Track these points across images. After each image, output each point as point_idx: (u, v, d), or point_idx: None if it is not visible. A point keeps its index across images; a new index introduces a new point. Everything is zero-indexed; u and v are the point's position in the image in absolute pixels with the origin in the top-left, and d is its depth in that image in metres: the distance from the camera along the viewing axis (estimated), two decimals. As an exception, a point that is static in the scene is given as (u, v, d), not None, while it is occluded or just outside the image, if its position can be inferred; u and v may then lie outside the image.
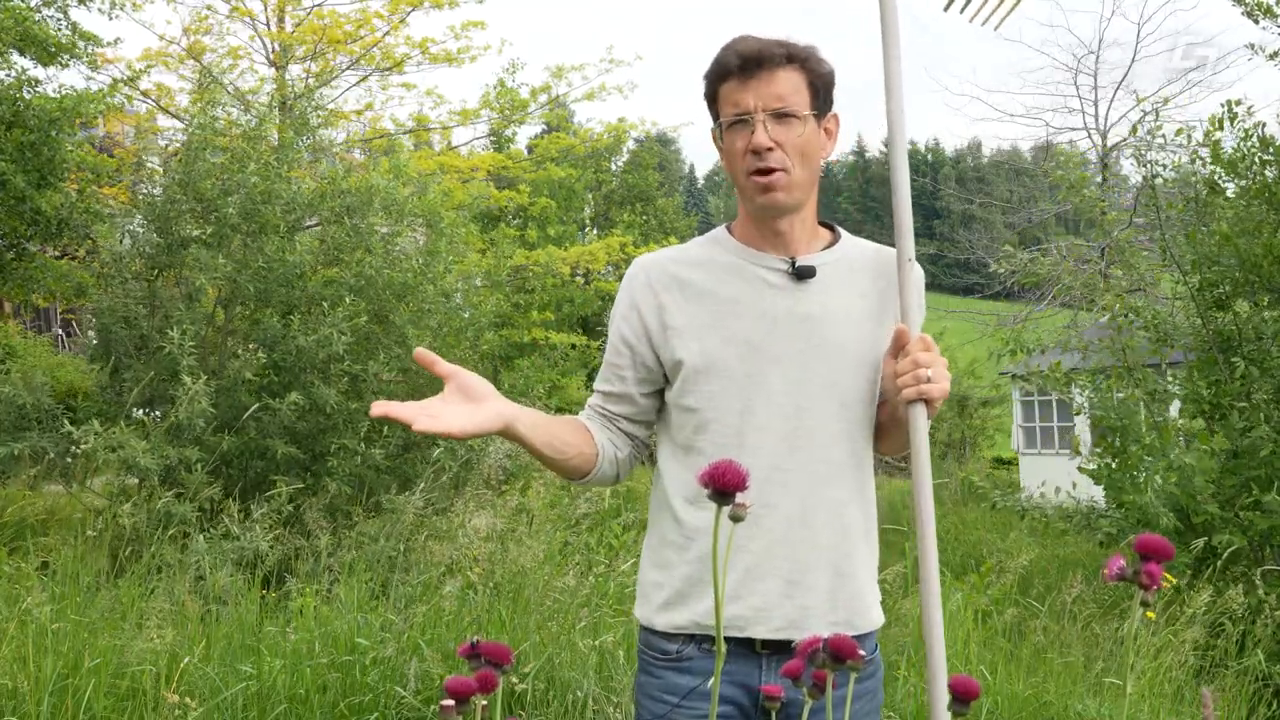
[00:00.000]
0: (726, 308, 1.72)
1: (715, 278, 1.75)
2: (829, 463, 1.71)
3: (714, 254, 1.78)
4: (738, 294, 1.73)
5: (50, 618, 3.59)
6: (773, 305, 1.72)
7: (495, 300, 11.18)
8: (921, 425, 1.63)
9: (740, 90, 1.67)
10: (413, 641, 3.91)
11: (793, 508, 1.69)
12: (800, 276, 1.72)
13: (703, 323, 1.73)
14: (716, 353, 1.71)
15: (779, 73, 1.66)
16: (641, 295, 1.77)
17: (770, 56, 1.66)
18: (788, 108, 1.66)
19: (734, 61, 1.67)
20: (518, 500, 5.84)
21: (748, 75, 1.66)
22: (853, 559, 1.74)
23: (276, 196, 7.21)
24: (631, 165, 27.46)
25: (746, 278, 1.73)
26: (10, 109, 8.48)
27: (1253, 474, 6.41)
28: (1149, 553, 1.00)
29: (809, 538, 1.69)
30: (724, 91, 1.70)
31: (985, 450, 23.92)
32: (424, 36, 14.31)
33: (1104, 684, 4.71)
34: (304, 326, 6.78)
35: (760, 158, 1.66)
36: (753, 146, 1.66)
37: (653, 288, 1.76)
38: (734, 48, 1.69)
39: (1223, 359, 6.78)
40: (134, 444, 5.74)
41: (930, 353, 1.64)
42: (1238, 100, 7.16)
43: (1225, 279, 6.93)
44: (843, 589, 1.72)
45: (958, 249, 23.60)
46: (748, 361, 1.70)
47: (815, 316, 1.72)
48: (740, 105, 1.67)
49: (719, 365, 1.71)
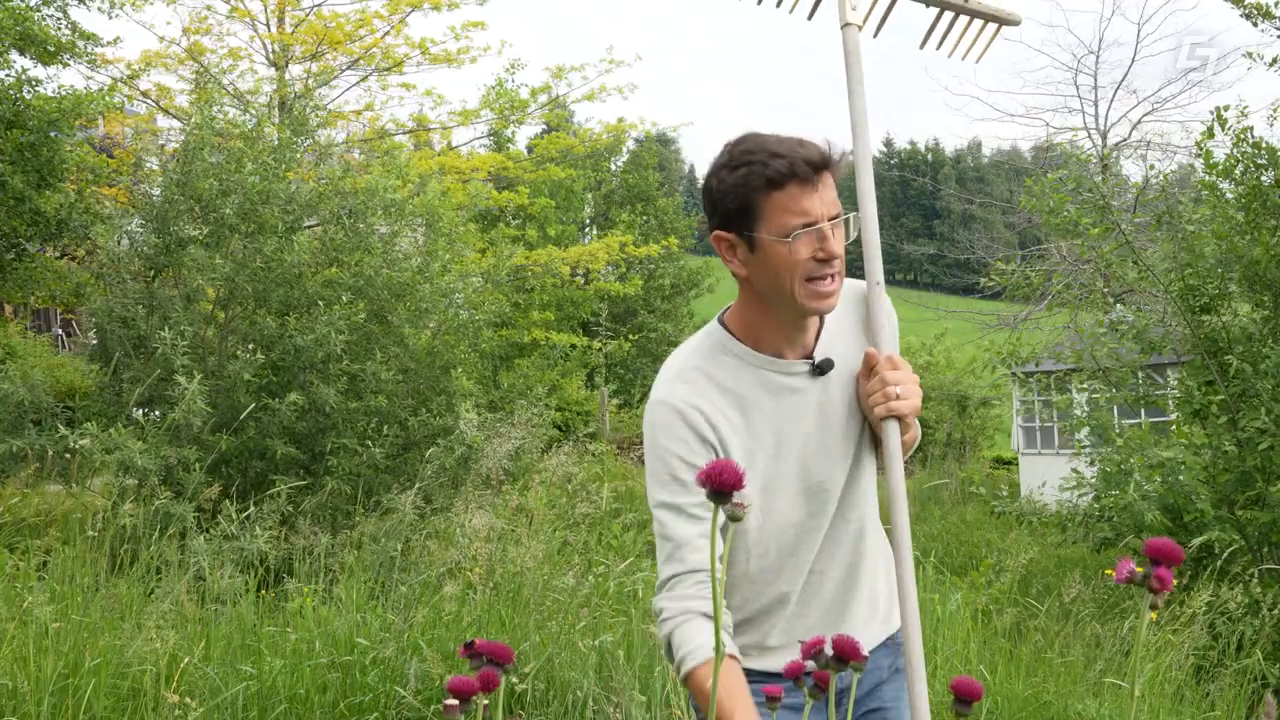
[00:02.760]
0: (762, 422, 1.73)
1: (746, 397, 1.72)
2: (859, 512, 1.81)
3: (738, 371, 1.73)
4: (770, 406, 1.73)
5: (50, 618, 3.59)
6: (800, 406, 1.74)
7: (495, 300, 11.17)
8: (895, 443, 1.69)
9: (807, 197, 1.60)
10: (413, 641, 3.91)
11: (839, 572, 1.80)
12: (822, 372, 1.75)
13: (749, 449, 1.72)
14: (775, 471, 1.73)
15: (828, 176, 1.63)
16: (706, 432, 1.69)
17: (830, 161, 1.62)
18: (840, 212, 1.64)
19: (802, 169, 1.59)
20: (518, 500, 5.84)
21: (813, 181, 1.60)
22: (877, 581, 1.87)
23: (274, 196, 7.21)
24: (631, 165, 27.45)
25: (772, 389, 1.73)
26: (10, 109, 8.47)
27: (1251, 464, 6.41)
28: (1159, 557, 1.00)
29: (853, 589, 1.82)
30: (780, 199, 1.60)
31: (985, 450, 23.90)
32: (423, 37, 14.33)
33: (1104, 684, 4.71)
34: (301, 326, 6.78)
35: (829, 265, 1.62)
36: (827, 254, 1.61)
37: (710, 423, 1.70)
38: (792, 153, 1.59)
39: (1213, 363, 6.79)
40: (131, 445, 5.74)
41: (899, 371, 1.68)
42: (1227, 106, 7.17)
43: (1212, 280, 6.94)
44: (874, 611, 1.86)
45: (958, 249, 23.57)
46: (797, 467, 1.74)
47: (835, 398, 1.76)
48: (811, 214, 1.60)
49: (780, 483, 1.74)
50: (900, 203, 78.44)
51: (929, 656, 4.62)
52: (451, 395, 7.59)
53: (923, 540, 10.98)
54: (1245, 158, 7.01)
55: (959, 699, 1.07)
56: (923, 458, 21.47)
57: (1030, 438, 18.18)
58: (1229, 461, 6.59)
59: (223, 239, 7.12)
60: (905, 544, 1.67)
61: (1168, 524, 6.55)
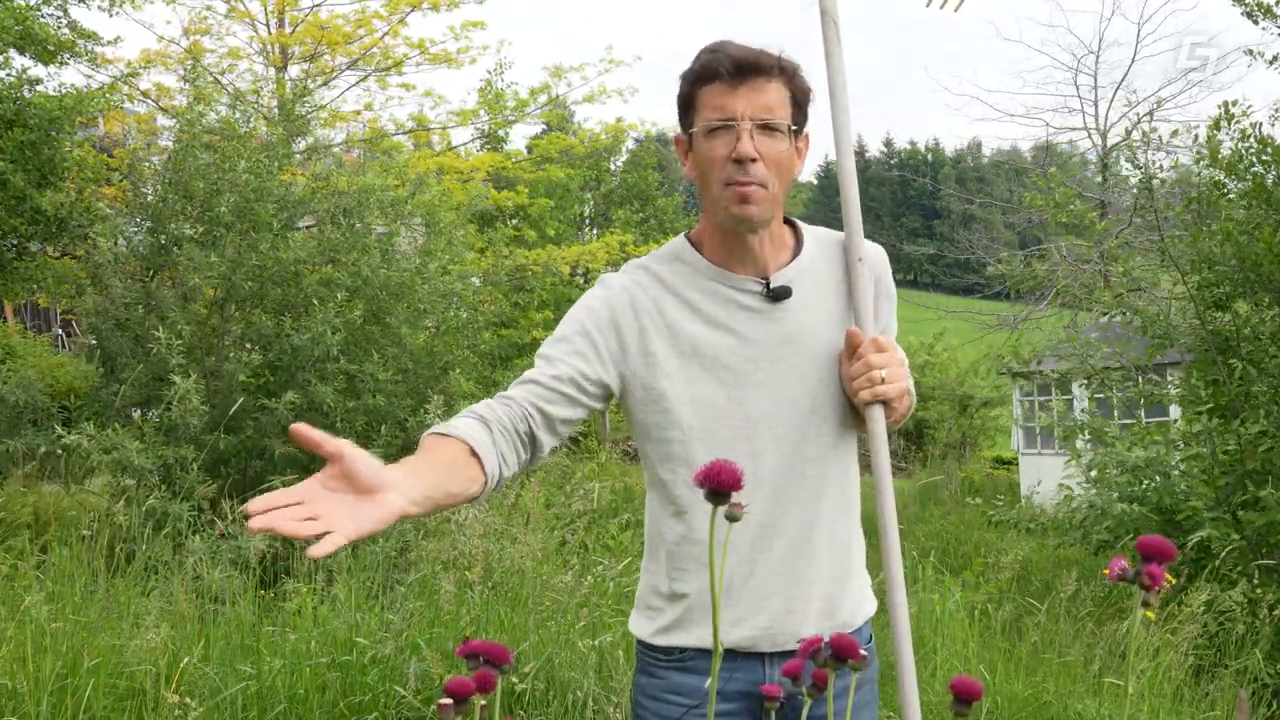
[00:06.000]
0: (704, 334, 1.68)
1: (690, 303, 1.69)
2: (821, 478, 1.71)
3: (685, 276, 1.71)
4: (714, 318, 1.68)
5: (49, 617, 3.59)
6: (751, 330, 1.68)
7: (495, 300, 11.17)
8: (879, 427, 1.63)
9: (728, 95, 1.59)
10: (412, 641, 3.91)
11: (792, 531, 1.69)
12: (776, 298, 1.69)
13: (682, 351, 1.67)
14: (699, 382, 1.67)
15: (769, 83, 1.60)
16: (623, 314, 1.68)
17: (763, 65, 1.60)
18: (774, 120, 1.60)
19: (725, 65, 1.59)
20: (514, 498, 5.84)
21: (738, 81, 1.59)
22: (846, 564, 1.76)
23: (269, 194, 7.21)
24: (631, 165, 27.47)
25: (721, 301, 1.69)
26: (11, 108, 8.48)
27: (1250, 466, 6.42)
28: (1150, 553, 1.00)
29: (808, 557, 1.71)
30: (706, 94, 1.61)
31: (985, 450, 23.92)
32: (422, 37, 14.34)
33: (1104, 684, 4.71)
34: (298, 325, 6.77)
35: (743, 168, 1.59)
36: (737, 155, 1.58)
37: (635, 309, 1.69)
38: (725, 50, 1.60)
39: (1220, 360, 6.79)
40: (128, 444, 5.75)
41: (884, 353, 1.63)
42: (1234, 101, 7.16)
43: (1225, 279, 6.94)
44: (839, 595, 1.75)
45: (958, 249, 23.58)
46: (732, 389, 1.67)
47: (794, 337, 1.69)
48: (726, 110, 1.59)
49: (702, 396, 1.67)
50: (900, 203, 78.44)
51: (929, 657, 4.62)
52: (450, 396, 7.59)
53: (922, 540, 10.98)
54: (1251, 153, 7.00)
55: (958, 699, 1.07)
56: (923, 457, 21.48)
57: (1030, 438, 18.17)
58: (1229, 462, 6.59)
59: (218, 238, 7.12)
60: (892, 534, 1.64)
61: (1160, 523, 6.55)
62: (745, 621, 1.69)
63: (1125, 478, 6.81)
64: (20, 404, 6.50)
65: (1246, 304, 7.10)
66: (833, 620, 1.72)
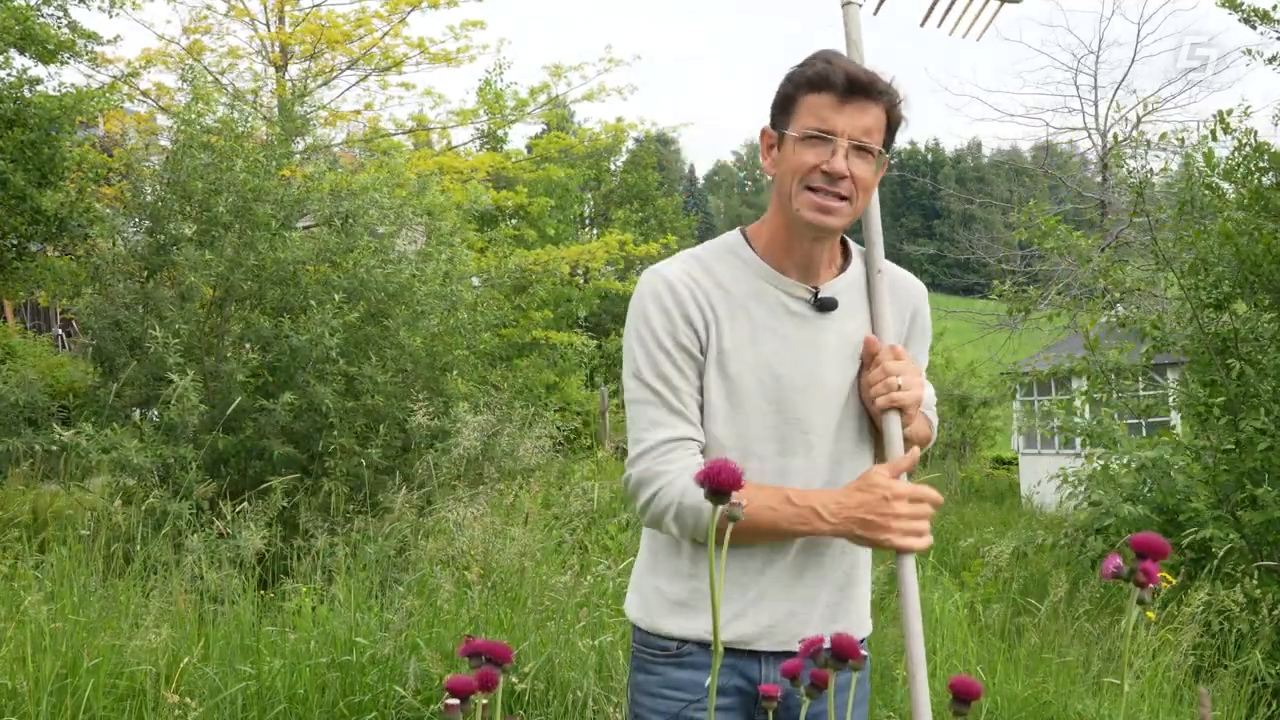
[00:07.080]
0: (746, 338, 1.71)
1: (739, 302, 1.71)
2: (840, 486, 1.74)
3: (739, 273, 1.73)
4: (760, 319, 1.71)
5: (48, 617, 3.59)
6: (792, 333, 1.71)
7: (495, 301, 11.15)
8: (896, 434, 1.67)
9: (833, 109, 1.63)
10: (411, 640, 3.91)
11: (805, 538, 1.72)
12: (823, 308, 1.72)
13: (724, 350, 1.70)
14: (745, 380, 1.69)
15: (873, 106, 1.65)
16: (694, 310, 1.70)
17: (873, 89, 1.64)
18: (869, 143, 1.64)
19: (839, 79, 1.62)
20: (513, 498, 5.84)
21: (847, 98, 1.63)
22: (853, 576, 1.80)
23: (267, 194, 7.20)
24: (631, 165, 27.46)
25: (768, 302, 1.72)
26: (11, 108, 8.48)
27: (1250, 465, 6.42)
28: (1144, 551, 1.00)
29: (818, 565, 1.75)
30: (812, 101, 1.65)
31: (985, 450, 23.90)
32: (422, 36, 14.33)
33: (1103, 684, 4.71)
34: (296, 326, 6.77)
35: (831, 181, 1.64)
36: (829, 169, 1.63)
37: (701, 304, 1.70)
38: (841, 65, 1.64)
39: (1219, 360, 6.79)
40: (127, 444, 5.74)
41: (900, 361, 1.68)
42: (1229, 110, 7.17)
43: (1223, 280, 6.94)
44: (842, 605, 1.79)
45: (958, 249, 23.58)
46: (771, 391, 1.70)
47: (831, 347, 1.73)
48: (828, 124, 1.63)
49: (746, 394, 1.69)
50: (900, 203, 78.38)
51: (928, 657, 4.61)
52: (449, 398, 7.58)
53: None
54: (1247, 159, 7.00)
55: (957, 698, 1.07)
56: (923, 457, 21.45)
57: (1030, 438, 18.17)
58: (1229, 461, 6.59)
59: (216, 237, 7.12)
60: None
61: (1161, 524, 6.55)
62: (747, 617, 1.71)
63: (1131, 478, 6.80)
64: (20, 404, 6.50)
65: (1245, 305, 7.10)
66: (834, 626, 1.74)
